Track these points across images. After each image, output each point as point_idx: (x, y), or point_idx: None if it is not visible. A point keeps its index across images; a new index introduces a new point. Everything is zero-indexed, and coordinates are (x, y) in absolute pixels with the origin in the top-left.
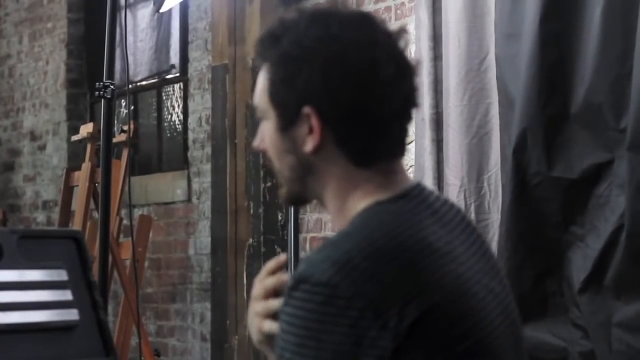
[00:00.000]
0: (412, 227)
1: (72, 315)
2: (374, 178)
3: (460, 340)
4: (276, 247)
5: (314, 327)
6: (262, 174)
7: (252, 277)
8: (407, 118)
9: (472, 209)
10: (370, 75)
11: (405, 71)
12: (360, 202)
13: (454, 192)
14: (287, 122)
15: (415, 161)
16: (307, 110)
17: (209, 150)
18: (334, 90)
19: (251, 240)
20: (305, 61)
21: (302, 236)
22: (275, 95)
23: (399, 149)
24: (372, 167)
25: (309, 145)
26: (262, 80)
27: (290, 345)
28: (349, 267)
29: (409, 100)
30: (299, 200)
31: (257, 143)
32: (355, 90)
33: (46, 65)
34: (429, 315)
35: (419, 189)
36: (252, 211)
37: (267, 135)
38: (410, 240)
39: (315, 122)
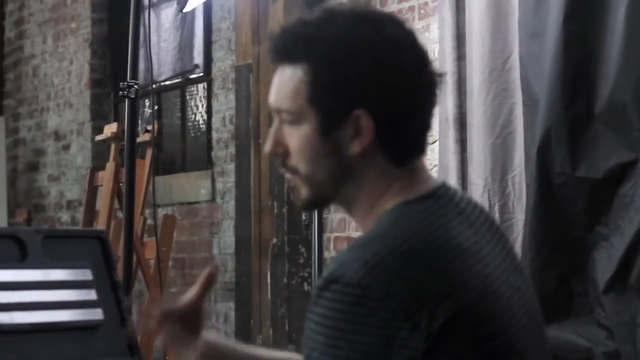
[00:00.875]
0: (440, 228)
1: (97, 314)
2: (405, 176)
3: (488, 341)
4: (300, 246)
5: (344, 328)
6: (280, 170)
7: (275, 276)
8: (432, 114)
9: (496, 208)
10: (418, 74)
11: (437, 71)
12: (388, 202)
13: (478, 191)
14: (331, 124)
15: (439, 161)
16: (357, 112)
17: (232, 149)
18: (386, 90)
19: (275, 240)
20: (355, 62)
21: (325, 235)
22: (319, 98)
23: (425, 145)
24: (405, 165)
25: (356, 147)
26: (292, 82)
27: (319, 345)
28: (380, 268)
29: (434, 97)
30: (320, 205)
31: (270, 147)
32: (406, 90)
33: (70, 65)
34: (458, 316)
35: (444, 188)
36: (275, 210)
37: (296, 138)
38: (440, 241)
39: (366, 124)
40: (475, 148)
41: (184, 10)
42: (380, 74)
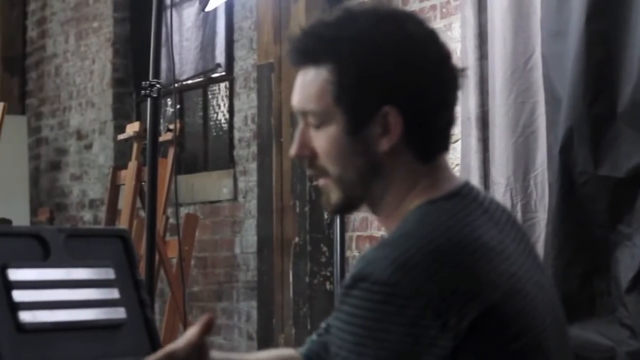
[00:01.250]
0: (466, 226)
1: (119, 313)
2: (430, 174)
3: (515, 340)
4: (322, 245)
5: (372, 326)
6: (307, 172)
7: (298, 275)
8: (455, 110)
9: (519, 207)
10: (443, 70)
11: (459, 67)
12: (414, 200)
13: (500, 190)
14: (359, 123)
15: (461, 160)
16: (385, 109)
17: (254, 148)
18: (412, 86)
19: (297, 239)
20: (379, 59)
21: (347, 235)
22: (346, 97)
23: (449, 142)
24: (431, 162)
25: (384, 144)
26: (316, 83)
27: (347, 344)
28: (408, 266)
29: (457, 92)
30: (350, 208)
31: (296, 150)
32: (434, 85)
33: (92, 64)
34: (486, 315)
35: (468, 187)
36: (297, 209)
37: (324, 140)
38: (467, 239)
39: (394, 120)
40: (497, 147)
41: (206, 10)
42: (405, 70)
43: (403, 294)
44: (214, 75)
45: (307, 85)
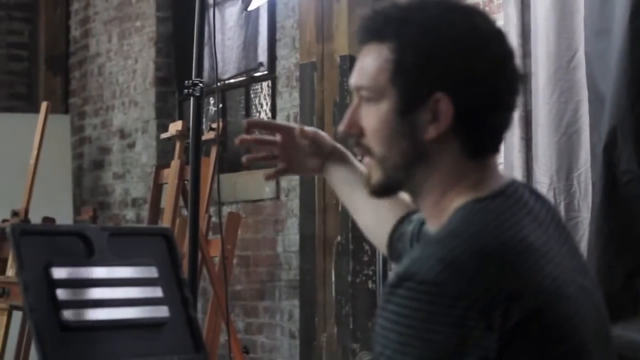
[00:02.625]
0: (512, 227)
1: (162, 311)
2: (477, 171)
3: (558, 343)
4: (364, 244)
5: (417, 325)
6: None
7: (340, 274)
8: (512, 112)
9: (562, 207)
10: (504, 67)
11: (520, 69)
12: (459, 197)
13: (543, 189)
14: (410, 105)
15: (504, 159)
16: (438, 95)
17: None
18: (470, 78)
19: (339, 238)
20: (443, 47)
21: None
22: (402, 77)
23: (501, 144)
24: (479, 160)
25: (432, 132)
26: (377, 60)
27: (391, 343)
28: (455, 265)
29: (516, 95)
30: (390, 190)
31: (345, 126)
32: (490, 81)
33: (135, 63)
34: (531, 317)
35: (514, 186)
36: (340, 208)
37: (373, 117)
38: (513, 240)
39: (445, 109)
40: (540, 146)
41: (249, 9)
42: (465, 61)
43: (449, 294)
44: (257, 74)
45: (367, 62)
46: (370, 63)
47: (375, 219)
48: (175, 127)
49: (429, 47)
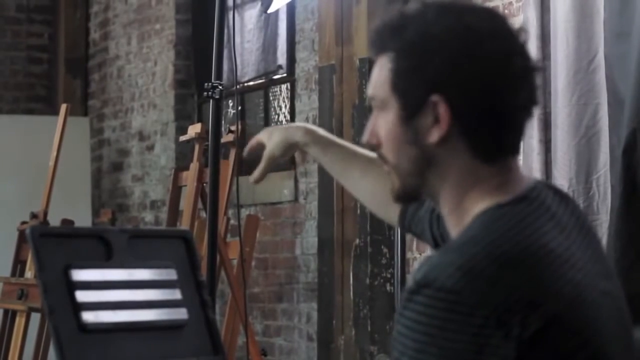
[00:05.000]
0: (534, 233)
1: (181, 314)
2: (495, 175)
3: (579, 350)
4: (382, 247)
5: (435, 333)
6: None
7: (358, 277)
8: (529, 114)
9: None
10: (503, 65)
11: (532, 66)
12: (479, 202)
13: None
14: (411, 111)
15: (523, 161)
16: (434, 98)
17: None
18: (465, 78)
19: (357, 240)
20: (436, 49)
21: (408, 236)
22: (399, 83)
23: (519, 145)
24: (495, 163)
25: (434, 135)
26: (382, 71)
27: (408, 350)
28: (474, 273)
29: (533, 96)
30: (411, 196)
31: (367, 138)
32: (487, 80)
33: (154, 65)
34: (550, 326)
35: (537, 189)
36: (358, 211)
37: (383, 127)
38: (533, 247)
39: (443, 110)
40: (559, 149)
41: (268, 11)
42: (457, 62)
43: (467, 302)
44: (276, 77)
45: (375, 73)
46: (377, 74)
47: (372, 196)
48: (194, 129)
49: (422, 51)
